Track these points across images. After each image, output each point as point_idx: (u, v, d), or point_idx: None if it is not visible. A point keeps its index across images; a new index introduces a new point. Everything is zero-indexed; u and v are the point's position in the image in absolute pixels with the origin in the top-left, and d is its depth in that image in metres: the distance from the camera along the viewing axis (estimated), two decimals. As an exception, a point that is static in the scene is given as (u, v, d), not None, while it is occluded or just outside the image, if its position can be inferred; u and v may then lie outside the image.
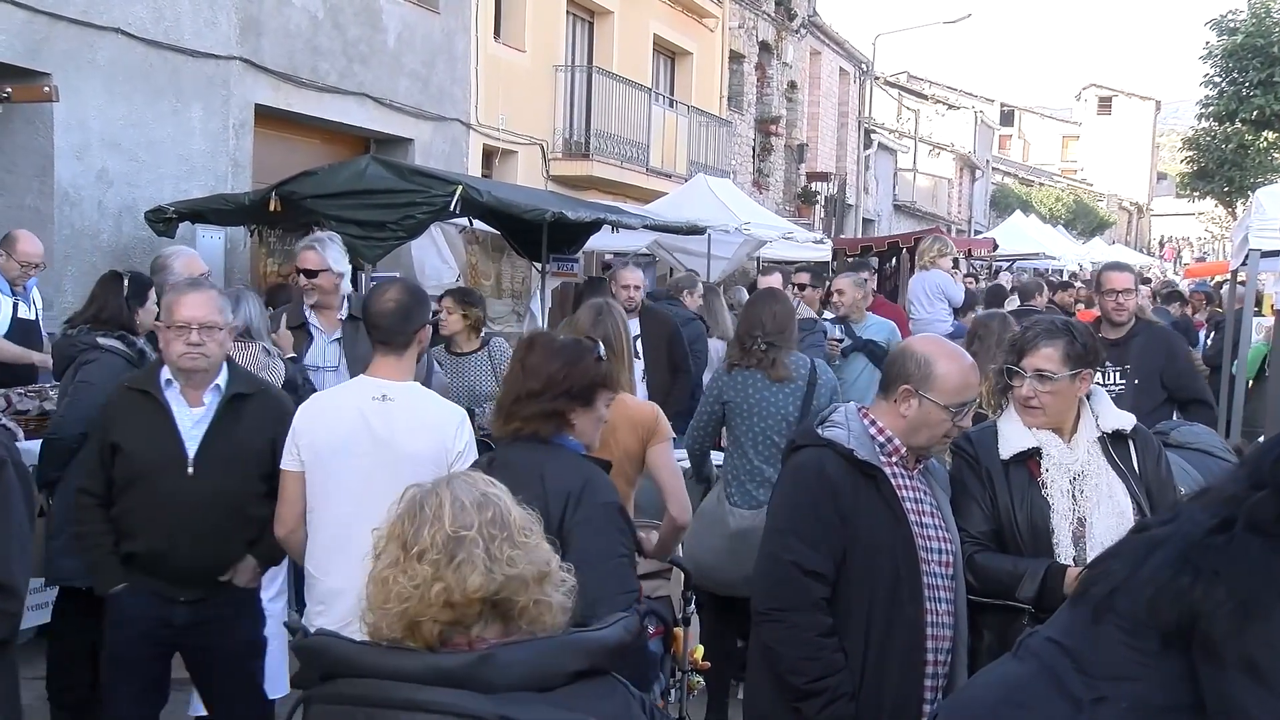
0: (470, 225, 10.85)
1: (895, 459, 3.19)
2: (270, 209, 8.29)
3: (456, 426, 3.81)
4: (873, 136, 30.94)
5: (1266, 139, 30.81)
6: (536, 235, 10.06)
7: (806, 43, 26.24)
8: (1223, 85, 29.74)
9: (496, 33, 14.91)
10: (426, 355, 5.76)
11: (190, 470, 3.86)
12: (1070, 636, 2.19)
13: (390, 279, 9.02)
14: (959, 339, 4.90)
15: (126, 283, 5.14)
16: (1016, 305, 9.92)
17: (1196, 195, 36.06)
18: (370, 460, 3.71)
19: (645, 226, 11.73)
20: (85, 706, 4.92)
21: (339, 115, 11.82)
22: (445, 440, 3.76)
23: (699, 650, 4.09)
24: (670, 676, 3.89)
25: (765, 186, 23.66)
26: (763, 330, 5.27)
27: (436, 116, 13.39)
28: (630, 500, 4.15)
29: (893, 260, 22.36)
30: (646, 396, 6.75)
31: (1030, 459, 3.40)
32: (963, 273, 14.10)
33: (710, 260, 13.35)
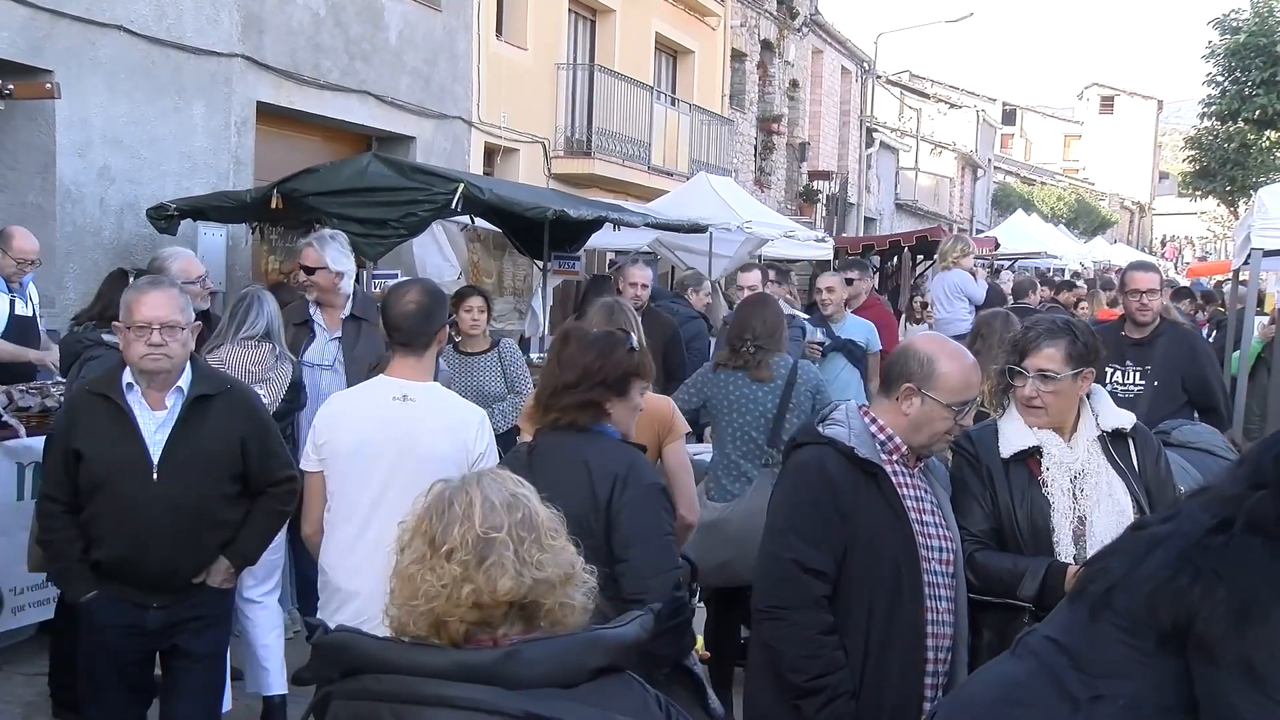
0: (472, 223, 10.86)
1: (896, 457, 3.19)
2: (272, 206, 8.30)
3: (478, 427, 3.86)
4: (874, 135, 30.91)
5: (1269, 138, 30.76)
6: (538, 233, 10.07)
7: (808, 41, 26.22)
8: (1225, 84, 29.72)
9: (498, 30, 14.91)
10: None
11: (155, 475, 3.73)
12: (1068, 634, 2.19)
13: (391, 276, 9.08)
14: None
15: (132, 280, 5.14)
16: (1010, 303, 9.92)
17: (1198, 194, 36.00)
18: (390, 461, 3.74)
19: (647, 225, 11.73)
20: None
21: (341, 113, 11.82)
22: (466, 441, 3.79)
23: (699, 641, 4.12)
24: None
25: (767, 185, 23.65)
26: (753, 335, 5.45)
27: (438, 114, 13.39)
28: None
29: (894, 259, 22.36)
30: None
31: (1030, 458, 3.41)
32: (985, 272, 14.08)
33: (712, 258, 13.34)
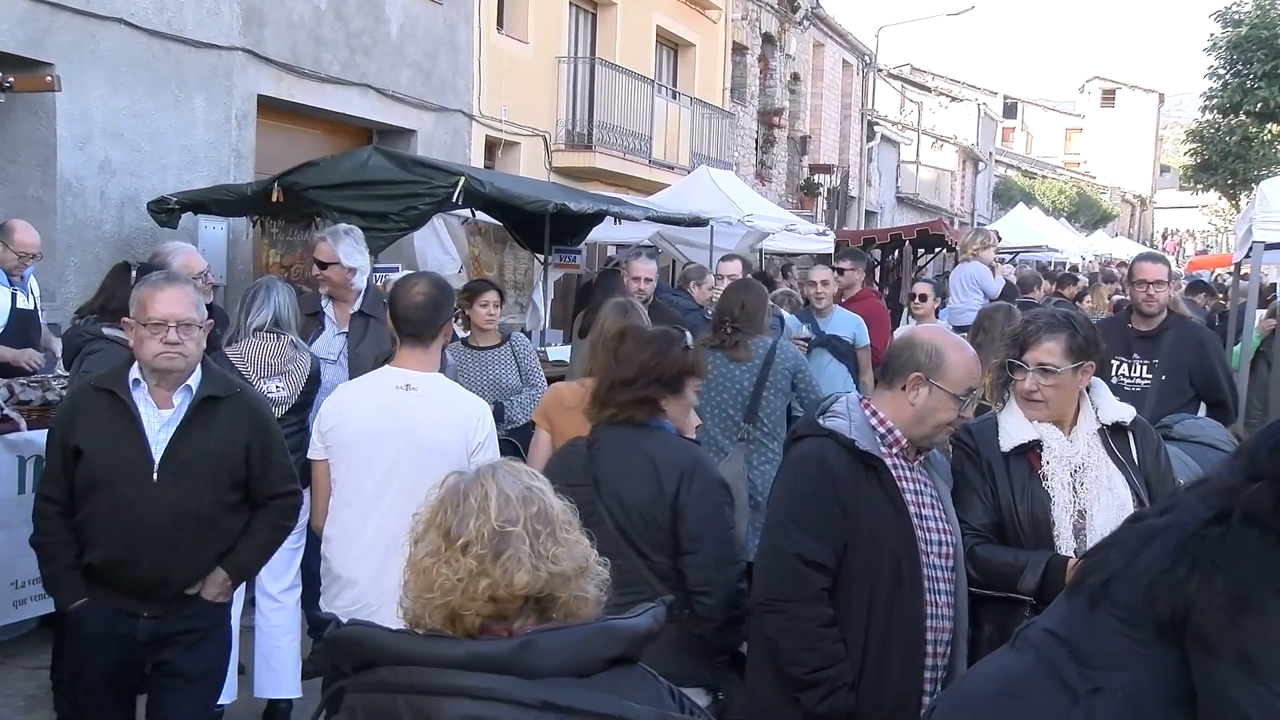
0: (473, 216, 10.87)
1: (896, 450, 3.20)
2: (272, 200, 8.31)
3: (479, 418, 3.91)
4: (875, 129, 30.88)
5: (1271, 131, 30.68)
6: (539, 227, 10.08)
7: (809, 35, 26.17)
8: (1227, 77, 29.60)
9: (499, 24, 14.90)
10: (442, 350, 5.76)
11: (155, 477, 3.58)
12: (1067, 626, 2.19)
13: (392, 270, 9.09)
14: None
15: (135, 274, 5.13)
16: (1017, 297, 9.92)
17: (1200, 188, 35.93)
18: (393, 450, 3.81)
19: (648, 218, 11.74)
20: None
21: (341, 106, 11.82)
22: (467, 432, 3.85)
23: None
24: None
25: (768, 178, 23.63)
26: (732, 317, 5.74)
27: (439, 108, 13.39)
28: None
29: (895, 253, 22.35)
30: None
31: (1031, 451, 3.41)
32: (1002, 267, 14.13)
33: (712, 252, 13.34)
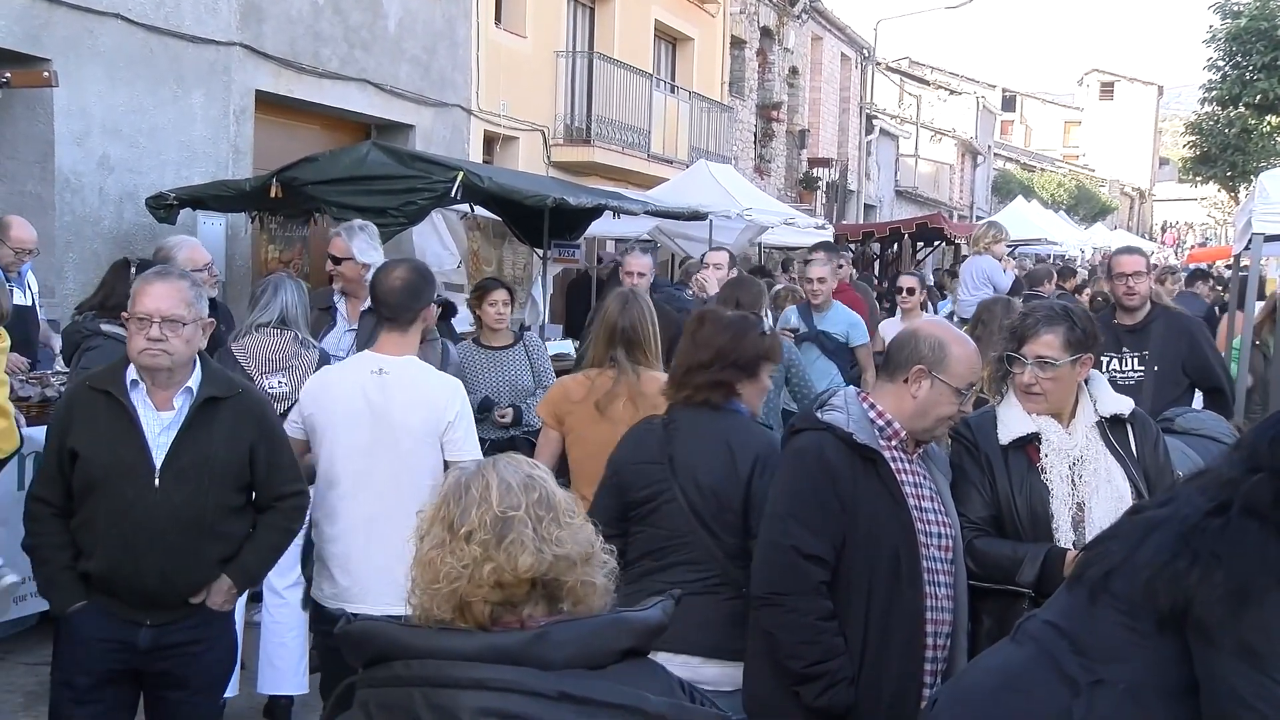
0: (471, 211, 10.87)
1: (894, 443, 3.19)
2: (271, 195, 8.30)
3: (448, 398, 3.99)
4: (874, 122, 30.84)
5: (1270, 123, 30.64)
6: (538, 221, 10.07)
7: (808, 28, 26.15)
8: (1226, 69, 29.57)
9: (497, 18, 14.87)
10: (443, 343, 5.75)
11: (156, 481, 3.48)
12: (1067, 619, 2.20)
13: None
14: None
15: (134, 270, 5.13)
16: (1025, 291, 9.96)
17: (1199, 180, 35.91)
18: (369, 431, 3.91)
19: (647, 212, 11.73)
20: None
21: (340, 101, 11.80)
22: (437, 412, 3.94)
23: None
24: None
25: (767, 172, 23.62)
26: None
27: (437, 102, 13.37)
28: None
29: (894, 246, 22.36)
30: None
31: (1029, 444, 3.41)
32: (1014, 262, 14.22)
33: (711, 246, 13.34)
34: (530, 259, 12.42)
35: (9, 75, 8.00)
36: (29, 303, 6.74)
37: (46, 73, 8.14)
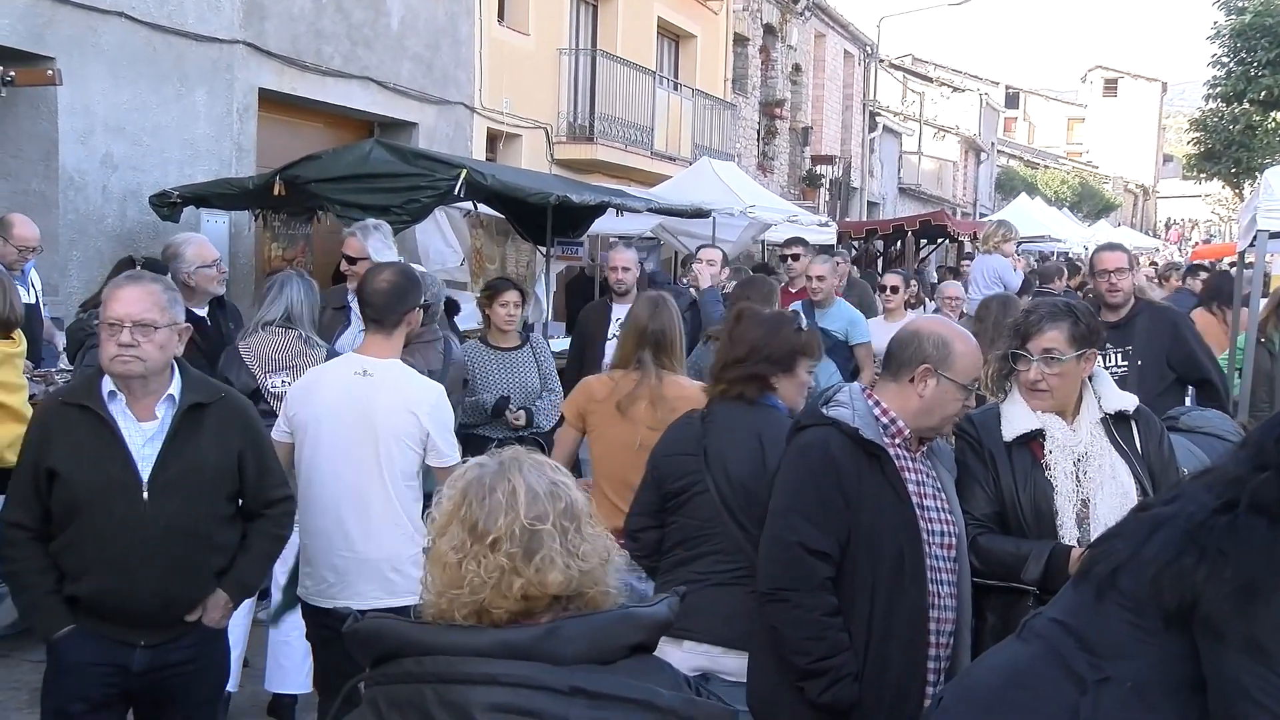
0: (475, 209, 10.85)
1: (899, 440, 3.19)
2: (274, 193, 8.31)
3: (432, 402, 4.03)
4: (877, 119, 30.82)
5: (1275, 119, 30.58)
6: (541, 219, 10.08)
7: (811, 25, 26.12)
8: (1230, 65, 29.53)
9: (500, 16, 14.87)
10: (446, 339, 5.73)
11: (145, 495, 3.34)
12: (1074, 616, 2.19)
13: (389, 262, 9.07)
14: None
15: (138, 268, 5.12)
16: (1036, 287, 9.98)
17: (1203, 177, 35.91)
18: (352, 432, 3.96)
19: (650, 210, 11.74)
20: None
21: (343, 99, 11.81)
22: (419, 415, 3.98)
23: None
24: None
25: (770, 170, 23.60)
26: None
27: (440, 100, 13.37)
28: None
29: (897, 243, 22.36)
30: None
31: (1033, 441, 3.40)
32: (1024, 261, 14.24)
33: (715, 243, 13.35)
34: (533, 257, 12.42)
35: (13, 74, 8.00)
36: (32, 301, 6.75)
37: (50, 71, 8.15)
